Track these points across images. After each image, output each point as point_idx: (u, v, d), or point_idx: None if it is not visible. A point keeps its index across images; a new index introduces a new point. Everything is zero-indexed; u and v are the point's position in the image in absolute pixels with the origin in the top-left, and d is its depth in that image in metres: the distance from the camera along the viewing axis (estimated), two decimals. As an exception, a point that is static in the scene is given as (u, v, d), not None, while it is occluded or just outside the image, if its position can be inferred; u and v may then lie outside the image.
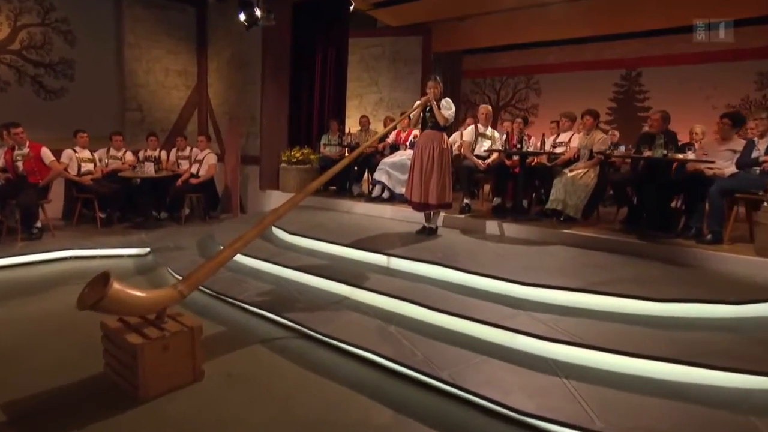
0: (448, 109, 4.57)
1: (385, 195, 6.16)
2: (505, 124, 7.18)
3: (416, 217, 5.08)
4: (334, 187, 7.25)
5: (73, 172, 5.97)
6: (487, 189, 6.57)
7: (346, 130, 7.64)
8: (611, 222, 5.20)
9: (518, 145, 5.20)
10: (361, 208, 6.01)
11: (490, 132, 5.82)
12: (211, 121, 7.91)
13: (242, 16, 5.88)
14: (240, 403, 2.55)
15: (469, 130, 5.84)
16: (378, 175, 6.17)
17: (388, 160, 6.20)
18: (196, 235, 5.87)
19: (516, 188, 5.49)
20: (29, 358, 2.97)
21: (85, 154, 6.14)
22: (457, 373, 2.63)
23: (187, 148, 6.88)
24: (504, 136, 5.48)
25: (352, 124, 8.50)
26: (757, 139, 4.35)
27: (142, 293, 2.60)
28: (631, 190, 5.22)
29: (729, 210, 4.29)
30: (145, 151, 6.80)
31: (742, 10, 7.40)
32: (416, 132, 6.18)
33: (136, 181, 6.30)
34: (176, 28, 7.59)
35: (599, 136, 5.12)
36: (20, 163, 5.35)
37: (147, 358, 2.48)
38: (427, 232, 4.80)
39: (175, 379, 2.63)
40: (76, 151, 6.06)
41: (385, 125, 7.44)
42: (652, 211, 4.63)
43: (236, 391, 2.66)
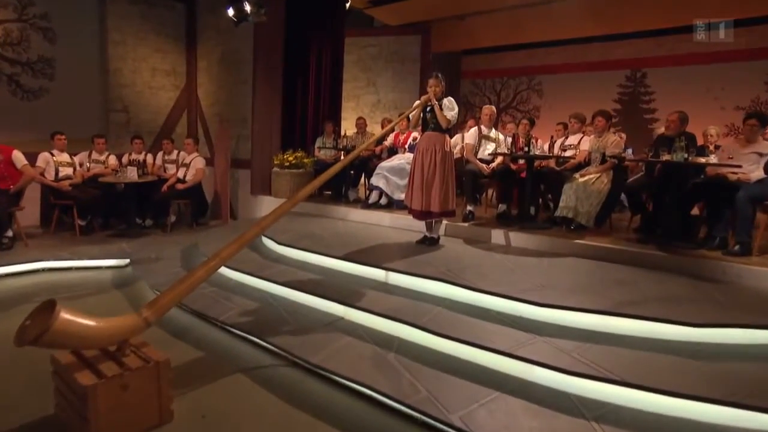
0: (450, 109, 4.17)
1: (383, 201, 5.76)
2: (508, 126, 6.81)
3: (416, 226, 4.68)
4: (329, 193, 6.86)
5: (50, 177, 5.56)
6: (491, 194, 6.20)
7: (342, 133, 7.25)
8: (625, 230, 4.81)
9: (525, 148, 4.81)
10: (358, 216, 5.60)
11: (494, 134, 5.43)
12: (201, 123, 7.50)
13: (231, 11, 5.48)
14: (212, 454, 2.15)
15: (472, 132, 5.45)
16: (375, 180, 5.77)
17: (385, 164, 5.81)
18: (181, 244, 5.46)
19: (522, 194, 5.10)
20: (-29, 394, 2.56)
21: (64, 157, 5.72)
22: (469, 417, 2.22)
23: (174, 152, 6.47)
24: (510, 139, 5.09)
25: (348, 127, 8.11)
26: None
27: (97, 323, 2.19)
28: (647, 197, 4.84)
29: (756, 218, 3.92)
30: (130, 155, 6.39)
31: (750, 9, 7.06)
32: (416, 134, 5.80)
33: (120, 186, 5.90)
34: (164, 26, 7.18)
35: (612, 138, 4.73)
36: (-10, 168, 4.94)
37: (101, 401, 2.07)
38: (429, 243, 4.40)
39: (136, 422, 2.22)
40: (53, 155, 5.64)
41: (383, 127, 7.03)
42: (670, 220, 4.24)
43: (209, 437, 2.26)
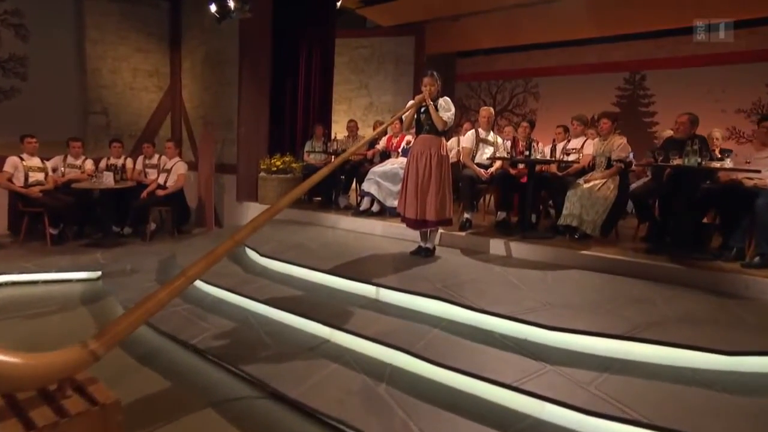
0: (446, 110, 3.84)
1: (375, 208, 5.40)
2: (506, 130, 6.48)
3: (410, 235, 4.33)
4: (319, 199, 6.51)
5: (19, 182, 5.16)
6: (489, 201, 5.86)
7: (333, 136, 6.90)
8: (632, 239, 4.49)
9: (526, 152, 4.48)
10: (348, 224, 5.24)
11: (492, 137, 5.10)
12: (186, 127, 7.12)
13: (213, 8, 5.12)
14: None
15: (469, 135, 5.11)
16: (366, 186, 5.42)
17: (377, 168, 5.46)
18: (160, 254, 5.08)
19: (523, 201, 4.77)
20: None
21: (34, 162, 5.33)
22: (473, 469, 1.87)
23: (155, 156, 6.09)
24: (509, 142, 4.76)
25: (340, 130, 7.77)
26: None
27: (28, 360, 1.82)
28: (654, 204, 4.52)
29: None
30: (108, 159, 6.01)
31: (751, 10, 6.82)
32: (410, 137, 5.46)
33: (96, 192, 5.51)
34: (146, 24, 6.81)
35: (618, 141, 4.42)
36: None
37: (30, 457, 1.70)
38: (424, 254, 4.05)
39: (77, 479, 1.85)
40: (22, 159, 5.25)
41: (375, 130, 6.70)
42: (681, 228, 3.93)
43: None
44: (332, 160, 6.16)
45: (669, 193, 4.15)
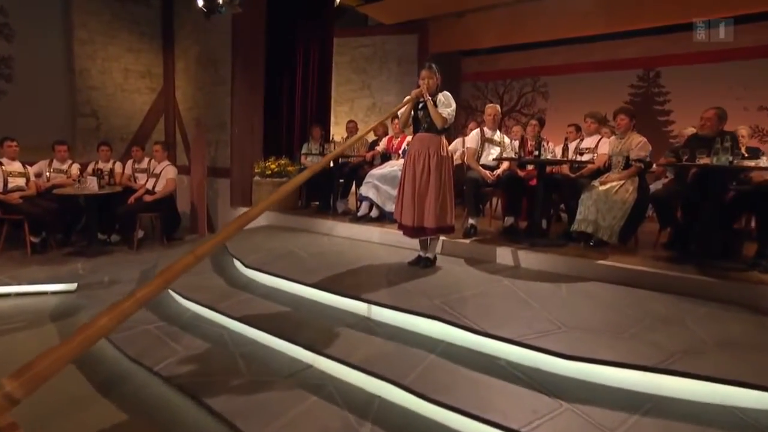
0: (446, 105, 3.44)
1: (374, 213, 5.01)
2: (514, 130, 6.07)
3: (409, 243, 3.93)
4: (317, 203, 6.13)
5: (-2, 188, 4.86)
6: (495, 205, 5.46)
7: (331, 138, 6.54)
8: (652, 247, 4.05)
9: (535, 152, 4.07)
10: (344, 230, 4.86)
11: (499, 137, 4.69)
12: (179, 129, 6.79)
13: (200, 1, 4.77)
14: None
15: (474, 134, 4.71)
16: (365, 190, 5.03)
17: (376, 171, 5.07)
18: (146, 263, 4.74)
19: (532, 205, 4.35)
20: None
21: (14, 166, 5.01)
22: None
23: (145, 160, 5.76)
24: (517, 142, 4.35)
25: (342, 132, 7.40)
26: None
27: None
28: (677, 207, 4.08)
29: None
30: (96, 164, 5.69)
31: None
32: (410, 138, 5.08)
33: (82, 199, 5.19)
34: (137, 23, 6.50)
35: (637, 139, 3.99)
36: None
37: None
38: (423, 264, 3.65)
39: None
40: (1, 164, 4.94)
41: (375, 132, 6.31)
42: (709, 234, 3.49)
43: None
44: (330, 163, 5.82)
45: (694, 196, 3.72)
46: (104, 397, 2.53)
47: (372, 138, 6.46)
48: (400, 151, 5.38)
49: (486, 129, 4.69)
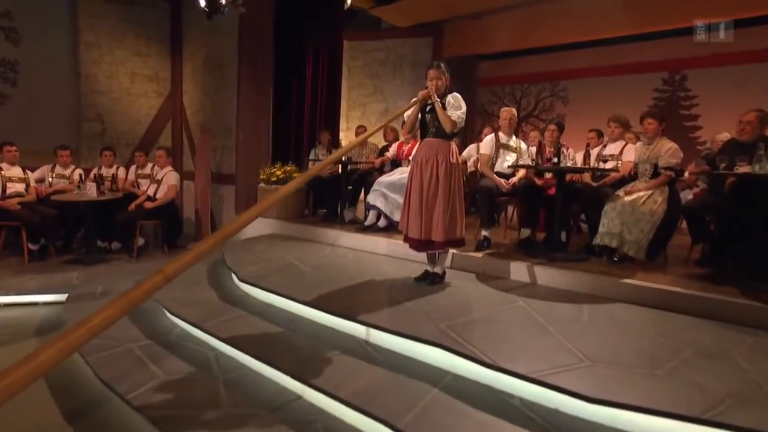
0: (456, 108, 3.14)
1: (382, 223, 4.71)
2: (531, 135, 5.74)
3: (417, 255, 3.62)
4: (324, 211, 5.87)
5: (-4, 194, 4.71)
6: (511, 214, 5.12)
7: (339, 143, 6.28)
8: (683, 263, 3.67)
9: (554, 159, 3.73)
10: (350, 241, 4.57)
11: (515, 142, 4.36)
12: (186, 134, 6.62)
13: (202, 2, 4.56)
14: None
15: (488, 140, 4.38)
16: (372, 199, 4.74)
17: (384, 179, 4.78)
18: (143, 272, 4.51)
19: (551, 216, 4.01)
20: None
21: (13, 172, 4.87)
22: None
23: (148, 165, 5.58)
24: (534, 148, 4.02)
25: (351, 137, 7.16)
26: None
27: None
28: (711, 220, 3.70)
29: None
30: (99, 169, 5.53)
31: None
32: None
33: (83, 205, 5.01)
34: (145, 27, 6.35)
35: (667, 145, 3.62)
36: None
37: None
38: (430, 280, 3.34)
39: None
40: (1, 169, 4.79)
41: (386, 137, 6.04)
42: (750, 251, 3.11)
43: None
44: (338, 170, 5.55)
45: (733, 208, 3.34)
46: (70, 425, 2.28)
47: (382, 144, 6.20)
48: (410, 158, 5.08)
49: (501, 134, 4.37)
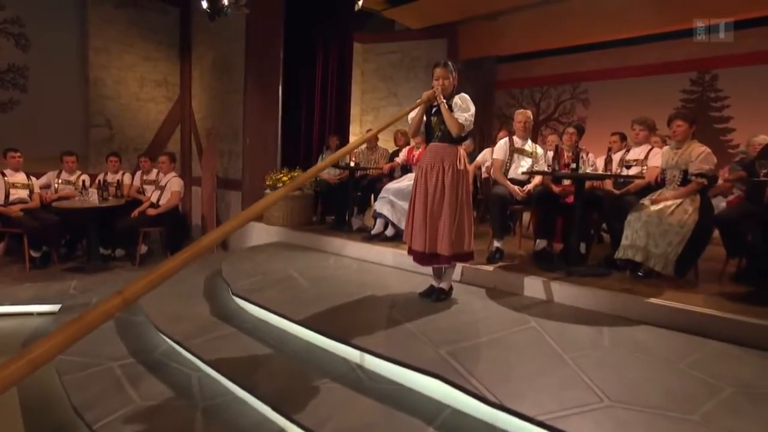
0: (464, 110, 2.87)
1: (389, 232, 4.46)
2: (549, 139, 5.42)
3: (425, 268, 3.34)
4: (332, 218, 5.64)
5: (0, 200, 4.62)
6: (527, 223, 4.81)
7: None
8: (718, 280, 3.31)
9: (572, 165, 3.42)
10: (355, 251, 4.33)
11: (531, 147, 4.06)
12: (195, 139, 6.49)
13: (204, 3, 4.40)
14: None
15: (501, 144, 4.09)
16: (379, 206, 4.49)
17: (392, 185, 4.53)
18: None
19: (569, 226, 3.69)
20: None
21: (17, 178, 4.78)
22: None
23: (153, 171, 5.46)
24: (551, 153, 3.71)
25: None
26: None
27: None
28: (750, 231, 3.33)
29: None
30: (105, 175, 5.43)
31: None
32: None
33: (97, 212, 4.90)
34: (154, 31, 6.25)
35: (698, 149, 3.26)
36: None
37: None
38: (436, 296, 3.06)
39: None
40: (4, 175, 4.71)
41: (396, 142, 5.79)
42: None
43: None
44: (347, 175, 5.32)
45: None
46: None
47: (393, 149, 5.95)
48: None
49: (516, 138, 4.07)
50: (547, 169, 3.78)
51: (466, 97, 2.92)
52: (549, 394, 1.87)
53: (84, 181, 4.92)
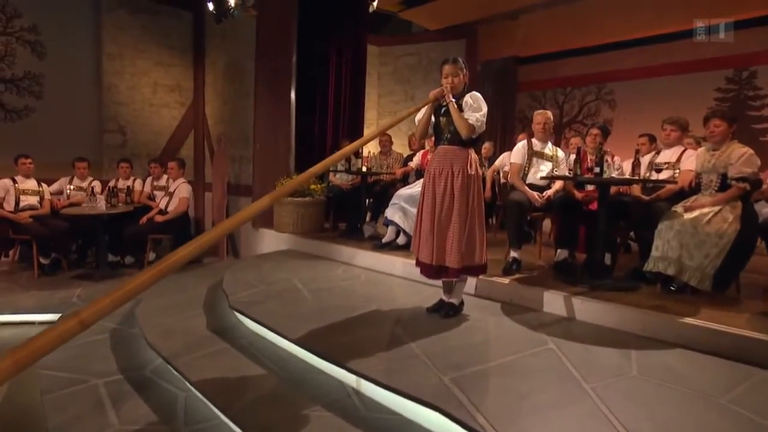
0: (475, 109, 2.63)
1: (401, 240, 4.22)
2: (573, 142, 5.10)
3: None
4: (345, 224, 5.44)
5: (10, 206, 4.58)
6: (549, 230, 4.50)
7: (365, 153, 5.84)
8: (763, 296, 2.96)
9: (596, 168, 3.12)
10: (365, 260, 4.11)
11: (551, 150, 3.78)
12: (208, 145, 6.40)
13: (210, 5, 4.27)
14: None
15: (519, 147, 3.82)
16: (390, 213, 4.26)
17: (404, 191, 4.30)
18: (148, 292, 4.23)
19: (593, 235, 3.39)
20: None
21: (28, 184, 4.74)
22: None
23: (163, 177, 5.37)
24: (573, 156, 3.42)
25: (378, 146, 6.72)
26: None
27: None
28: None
29: None
30: (117, 181, 5.37)
31: None
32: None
33: (105, 218, 4.83)
34: (168, 37, 6.19)
35: (739, 151, 2.92)
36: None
37: None
38: (445, 312, 2.81)
39: None
40: (15, 181, 4.68)
41: (410, 145, 5.57)
42: None
43: None
44: (359, 181, 5.12)
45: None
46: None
47: (408, 152, 5.73)
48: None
49: (535, 140, 3.79)
50: (568, 174, 3.49)
51: (478, 95, 2.68)
52: (567, 436, 1.60)
53: (93, 188, 4.85)
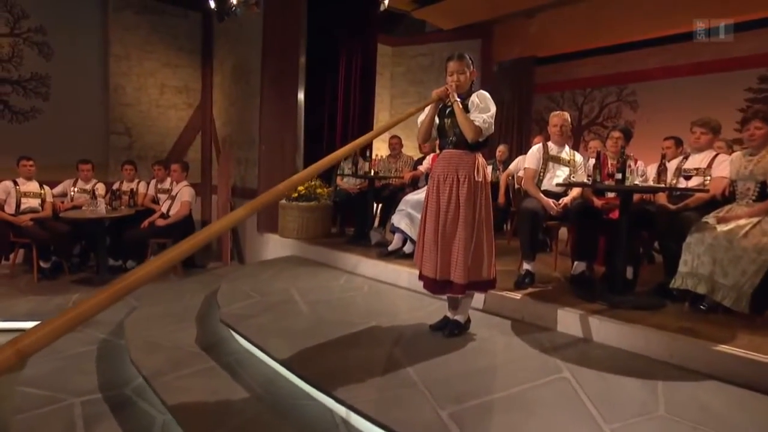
0: (482, 110, 2.38)
1: (407, 248, 3.97)
2: (592, 145, 4.81)
3: (438, 295, 2.86)
4: (352, 230, 5.22)
5: (11, 209, 4.48)
6: (567, 240, 4.21)
7: (374, 156, 5.62)
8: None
9: (617, 174, 2.84)
10: (369, 268, 3.88)
11: (568, 154, 3.49)
12: (215, 147, 6.25)
13: (212, 3, 4.10)
14: None
15: (534, 151, 3.54)
16: (396, 220, 4.03)
17: (411, 197, 4.06)
18: (148, 297, 4.06)
19: (613, 246, 3.10)
20: None
21: (29, 187, 4.64)
22: None
23: (167, 180, 5.22)
24: (593, 160, 3.13)
25: (387, 149, 6.49)
26: None
27: None
28: None
29: None
30: (121, 184, 5.25)
31: None
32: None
33: (105, 222, 4.71)
34: (175, 37, 6.06)
35: (780, 157, 2.63)
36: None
37: None
38: (449, 330, 2.56)
39: None
40: (16, 183, 4.58)
41: (421, 149, 5.32)
42: None
43: None
44: (367, 185, 4.90)
45: None
46: None
47: (419, 156, 5.49)
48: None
49: (551, 144, 3.51)
50: (587, 180, 3.21)
51: (486, 94, 2.43)
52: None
53: (95, 190, 4.72)
